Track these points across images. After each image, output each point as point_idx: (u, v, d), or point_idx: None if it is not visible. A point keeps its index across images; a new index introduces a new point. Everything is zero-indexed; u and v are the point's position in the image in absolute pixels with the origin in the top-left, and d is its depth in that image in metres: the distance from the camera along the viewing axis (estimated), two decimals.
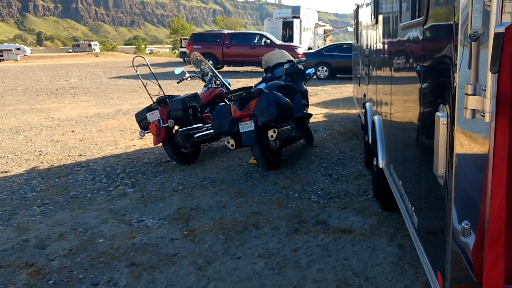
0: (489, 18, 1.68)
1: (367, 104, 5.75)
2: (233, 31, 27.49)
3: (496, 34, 1.63)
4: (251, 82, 15.13)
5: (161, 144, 6.14)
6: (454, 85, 1.91)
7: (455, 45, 1.90)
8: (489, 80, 1.70)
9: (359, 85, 7.84)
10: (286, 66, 7.10)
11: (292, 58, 7.74)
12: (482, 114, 1.76)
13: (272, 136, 5.48)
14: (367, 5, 6.25)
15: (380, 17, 4.68)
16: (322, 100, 12.83)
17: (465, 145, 1.90)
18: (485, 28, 1.73)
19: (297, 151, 6.88)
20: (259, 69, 19.27)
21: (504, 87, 1.78)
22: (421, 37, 2.58)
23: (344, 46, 19.37)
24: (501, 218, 1.71)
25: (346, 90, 14.82)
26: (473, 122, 1.84)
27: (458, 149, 1.90)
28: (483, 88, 1.75)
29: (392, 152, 3.82)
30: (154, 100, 6.24)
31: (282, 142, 6.07)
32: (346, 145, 7.16)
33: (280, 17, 33.99)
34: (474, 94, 1.79)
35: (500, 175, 1.78)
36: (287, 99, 5.85)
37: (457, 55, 1.88)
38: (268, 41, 22.60)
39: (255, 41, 23.05)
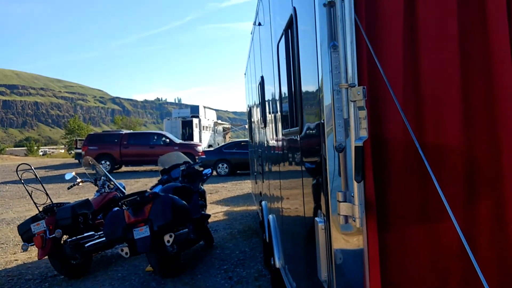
0: (349, 132, 1.86)
1: (263, 202, 5.88)
2: (131, 131, 27.36)
3: (356, 147, 1.79)
4: (151, 181, 14.86)
5: (47, 257, 5.65)
6: (328, 192, 2.03)
7: (325, 155, 2.05)
8: (355, 188, 1.83)
9: (256, 182, 8.06)
10: (182, 167, 7.12)
11: (189, 159, 7.82)
12: (353, 219, 1.88)
13: (168, 241, 5.29)
14: (257, 106, 6.64)
15: (268, 120, 4.98)
16: (223, 197, 12.90)
17: (342, 249, 1.99)
18: (348, 141, 1.90)
19: (197, 254, 6.70)
20: (159, 168, 19.10)
21: (370, 194, 1.93)
22: (299, 144, 2.76)
23: (242, 143, 20.08)
24: None
25: (246, 186, 15.10)
26: (347, 227, 1.94)
27: (337, 256, 1.98)
28: (352, 195, 1.88)
29: (286, 252, 3.87)
30: (41, 209, 5.83)
31: (180, 246, 5.88)
32: (247, 244, 7.14)
33: (180, 116, 34.73)
34: (345, 201, 1.92)
35: (375, 277, 1.87)
36: (184, 202, 5.79)
37: (327, 165, 2.02)
38: (167, 140, 22.75)
39: (154, 140, 23.06)
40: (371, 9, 2.09)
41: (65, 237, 5.83)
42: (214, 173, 18.47)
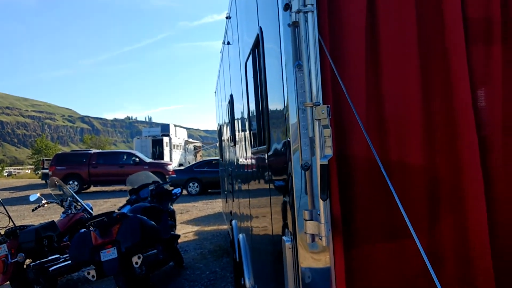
0: (315, 150, 1.87)
1: (234, 222, 5.83)
2: (100, 150, 26.86)
3: (321, 166, 1.80)
4: (120, 201, 14.58)
5: (8, 282, 5.43)
6: (294, 211, 2.02)
7: (291, 174, 2.05)
8: (321, 206, 1.84)
9: (227, 201, 8.00)
10: (151, 187, 7.02)
11: (158, 179, 7.71)
12: (320, 238, 1.88)
13: (137, 263, 5.17)
14: (227, 125, 6.64)
15: (237, 139, 4.97)
16: (194, 217, 12.75)
17: (310, 268, 1.98)
18: (313, 160, 1.91)
19: (166, 275, 6.56)
20: (127, 187, 18.74)
21: (336, 212, 1.94)
22: (266, 162, 2.75)
23: (213, 162, 19.95)
24: None
25: (217, 205, 14.98)
26: (314, 246, 1.94)
27: (304, 275, 1.97)
28: (319, 213, 1.88)
29: (255, 272, 3.83)
30: (2, 232, 5.63)
31: (149, 268, 5.75)
32: (217, 264, 7.05)
33: (150, 135, 34.35)
34: (311, 220, 1.91)
35: None
36: (153, 222, 5.68)
37: (293, 183, 2.02)
38: (137, 159, 22.42)
39: (124, 159, 22.69)
40: (334, 30, 2.12)
41: (28, 261, 5.63)
42: (185, 192, 18.26)
